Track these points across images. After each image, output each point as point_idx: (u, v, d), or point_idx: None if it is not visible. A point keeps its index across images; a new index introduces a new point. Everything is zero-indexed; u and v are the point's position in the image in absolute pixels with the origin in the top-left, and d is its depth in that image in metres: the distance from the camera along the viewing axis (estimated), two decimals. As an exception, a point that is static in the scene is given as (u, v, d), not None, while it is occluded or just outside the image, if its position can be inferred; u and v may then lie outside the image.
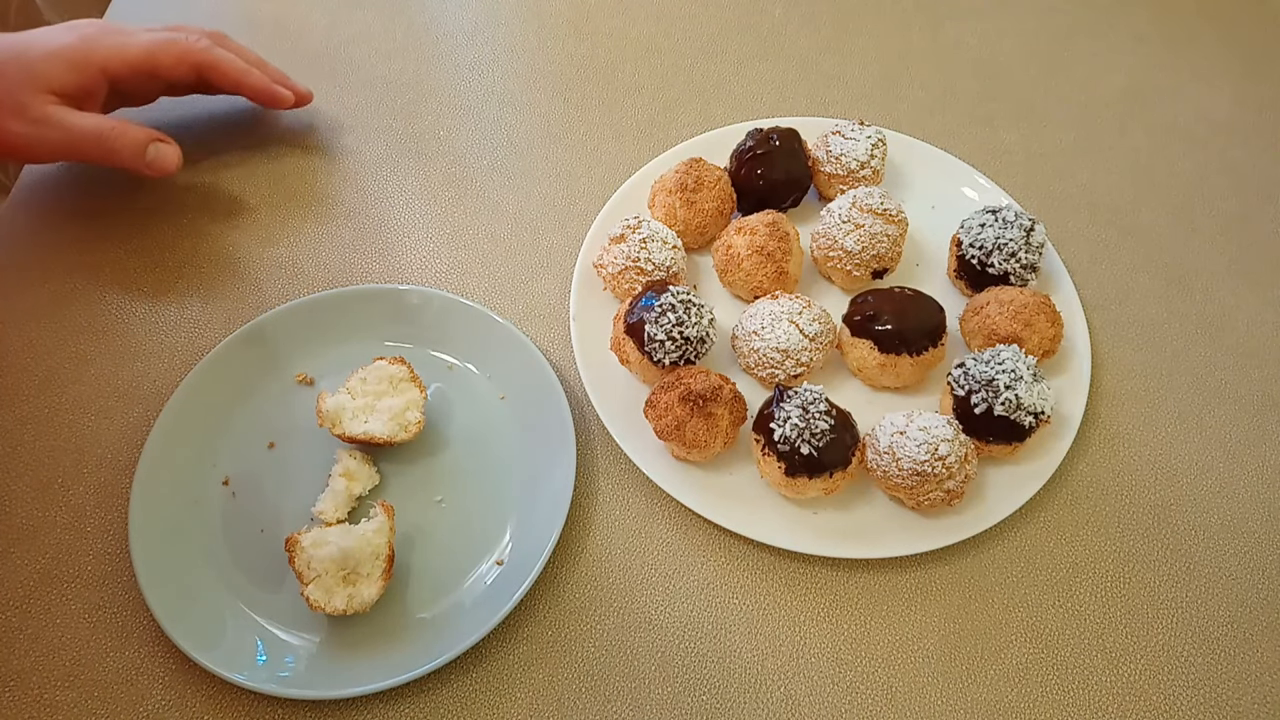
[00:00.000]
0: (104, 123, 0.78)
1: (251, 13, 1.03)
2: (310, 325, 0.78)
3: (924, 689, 0.66)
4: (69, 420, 0.76)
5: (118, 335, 0.80)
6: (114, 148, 0.78)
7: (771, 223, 0.78)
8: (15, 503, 0.72)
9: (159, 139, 0.80)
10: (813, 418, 0.67)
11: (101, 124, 0.78)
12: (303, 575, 0.64)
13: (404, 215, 0.89)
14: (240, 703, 0.64)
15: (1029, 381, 0.69)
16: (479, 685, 0.65)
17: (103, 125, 0.78)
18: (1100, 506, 0.74)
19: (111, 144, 0.78)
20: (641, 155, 0.91)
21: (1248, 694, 0.66)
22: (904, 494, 0.68)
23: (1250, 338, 0.83)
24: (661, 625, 0.68)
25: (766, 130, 0.84)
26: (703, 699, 0.65)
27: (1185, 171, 0.94)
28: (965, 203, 0.88)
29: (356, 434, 0.71)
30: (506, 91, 0.99)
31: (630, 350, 0.73)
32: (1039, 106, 0.99)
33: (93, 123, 0.77)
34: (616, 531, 0.72)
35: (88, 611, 0.67)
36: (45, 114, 0.75)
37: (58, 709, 0.64)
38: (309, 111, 0.95)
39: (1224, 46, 1.05)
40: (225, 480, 0.72)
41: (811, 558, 0.70)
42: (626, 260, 0.76)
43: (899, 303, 0.74)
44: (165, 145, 0.81)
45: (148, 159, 0.79)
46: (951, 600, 0.69)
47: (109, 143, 0.78)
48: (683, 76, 1.00)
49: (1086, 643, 0.68)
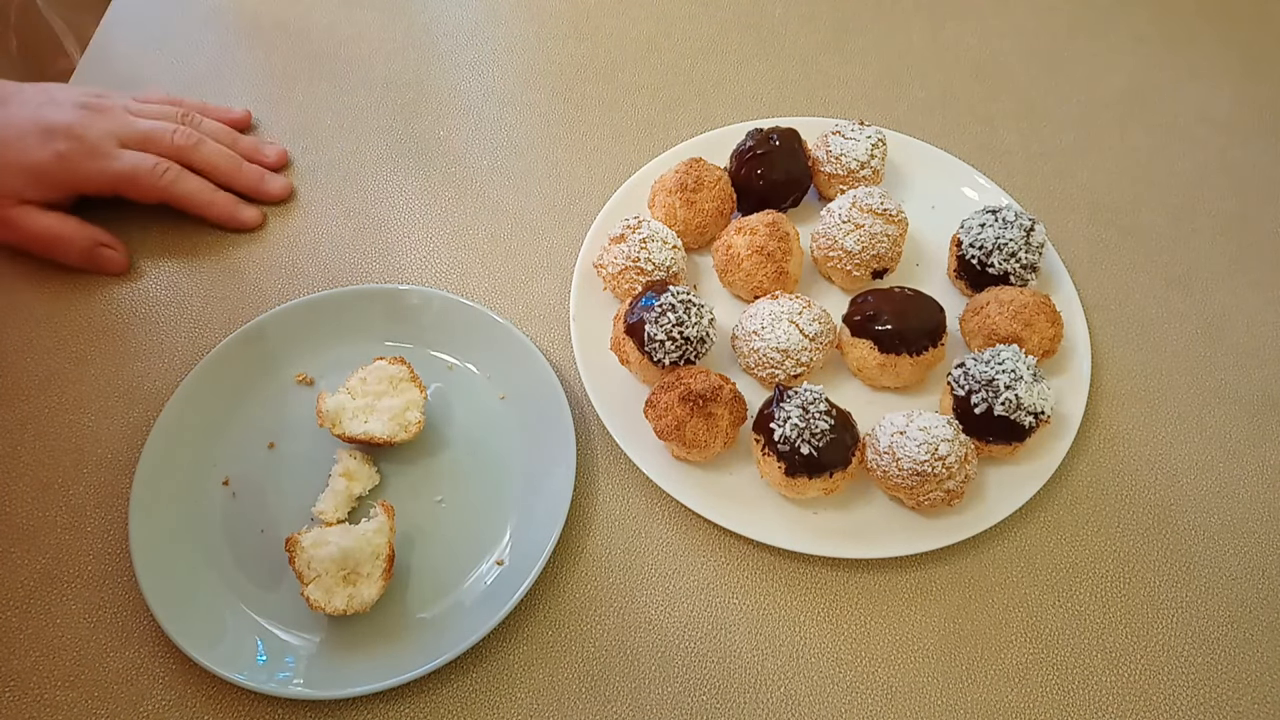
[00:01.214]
0: (54, 228, 0.81)
1: (252, 13, 1.03)
2: (310, 325, 0.78)
3: (924, 689, 0.66)
4: (69, 420, 0.76)
5: (118, 335, 0.80)
6: (62, 253, 0.82)
7: (771, 223, 0.78)
8: (15, 503, 0.72)
9: (105, 244, 0.83)
10: (813, 418, 0.67)
11: (52, 228, 0.81)
12: (303, 575, 0.64)
13: (404, 215, 0.89)
14: (240, 703, 0.64)
15: (1029, 381, 0.69)
16: (479, 685, 0.65)
17: (53, 230, 0.81)
18: (1100, 506, 0.74)
19: (59, 250, 0.82)
20: (641, 155, 0.91)
21: (1248, 694, 0.66)
22: (904, 494, 0.68)
23: (1250, 338, 0.83)
24: (661, 625, 0.68)
25: (766, 130, 0.84)
26: (703, 699, 0.65)
27: (1185, 171, 0.94)
28: (965, 203, 0.87)
29: (356, 434, 0.71)
30: (506, 91, 0.99)
31: (630, 350, 0.73)
32: (1039, 106, 0.99)
33: (45, 225, 0.80)
34: (616, 531, 0.72)
35: (88, 611, 0.67)
36: (4, 215, 0.79)
37: (58, 709, 0.64)
38: (309, 112, 0.95)
39: (1224, 46, 1.05)
40: (225, 480, 0.72)
41: (811, 558, 0.70)
42: (626, 260, 0.76)
43: (899, 303, 0.74)
44: (110, 251, 0.83)
45: (95, 263, 0.83)
46: (951, 600, 0.69)
47: (57, 249, 0.81)
48: (683, 76, 1.00)
49: (1086, 643, 0.68)
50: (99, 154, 0.80)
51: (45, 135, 0.79)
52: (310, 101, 0.96)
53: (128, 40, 1.02)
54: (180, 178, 0.83)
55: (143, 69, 0.99)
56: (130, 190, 0.82)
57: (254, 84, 0.97)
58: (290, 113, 0.95)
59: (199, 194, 0.84)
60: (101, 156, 0.80)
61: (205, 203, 0.85)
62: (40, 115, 0.79)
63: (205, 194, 0.85)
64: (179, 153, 0.84)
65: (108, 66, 0.99)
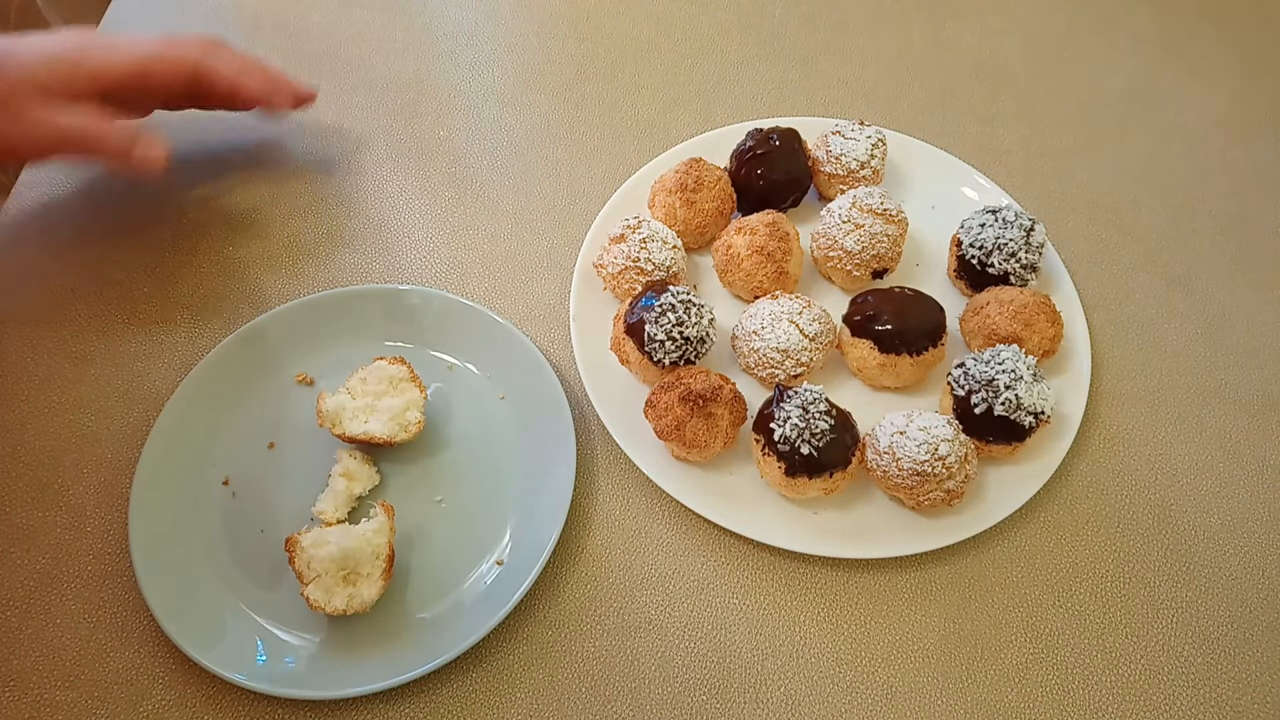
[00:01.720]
0: (90, 119, 0.76)
1: (252, 13, 1.03)
2: (310, 325, 0.78)
3: (924, 689, 0.66)
4: (69, 420, 0.76)
5: (118, 335, 0.80)
6: (100, 144, 0.76)
7: (771, 223, 0.78)
8: (15, 503, 0.72)
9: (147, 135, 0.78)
10: (813, 418, 0.67)
11: (88, 120, 0.76)
12: (303, 575, 0.64)
13: (404, 215, 0.89)
14: (240, 703, 0.64)
15: (1029, 381, 0.69)
16: (479, 685, 0.65)
17: (89, 121, 0.76)
18: (1100, 506, 0.74)
19: (97, 140, 0.76)
20: (641, 155, 0.91)
21: (1248, 694, 0.66)
22: (904, 494, 0.68)
23: (1250, 338, 0.83)
24: (661, 625, 0.68)
25: (766, 130, 0.84)
26: (703, 699, 0.65)
27: (1185, 171, 0.94)
28: (965, 203, 0.87)
29: (356, 434, 0.71)
30: (506, 91, 0.99)
31: (630, 350, 0.73)
32: (1039, 106, 0.99)
33: (79, 119, 0.76)
34: (616, 531, 0.72)
35: (88, 611, 0.67)
36: (31, 112, 0.74)
37: (58, 709, 0.64)
38: (308, 112, 0.95)
39: (1224, 46, 1.05)
40: (225, 480, 0.72)
41: (811, 558, 0.70)
42: (626, 260, 0.76)
43: (899, 303, 0.74)
44: (153, 141, 0.77)
45: (135, 156, 0.77)
46: (951, 600, 0.69)
47: (95, 139, 0.76)
48: (683, 76, 1.00)
49: (1086, 643, 0.68)
50: (116, 44, 0.78)
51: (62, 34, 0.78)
52: (310, 101, 0.96)
53: (128, 40, 1.02)
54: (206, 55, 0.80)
55: (143, 69, 0.99)
56: (156, 69, 0.78)
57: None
58: (290, 113, 0.95)
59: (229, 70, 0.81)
60: (120, 43, 0.78)
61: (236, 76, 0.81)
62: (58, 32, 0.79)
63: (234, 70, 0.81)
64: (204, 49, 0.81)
65: (108, 66, 0.99)
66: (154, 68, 0.78)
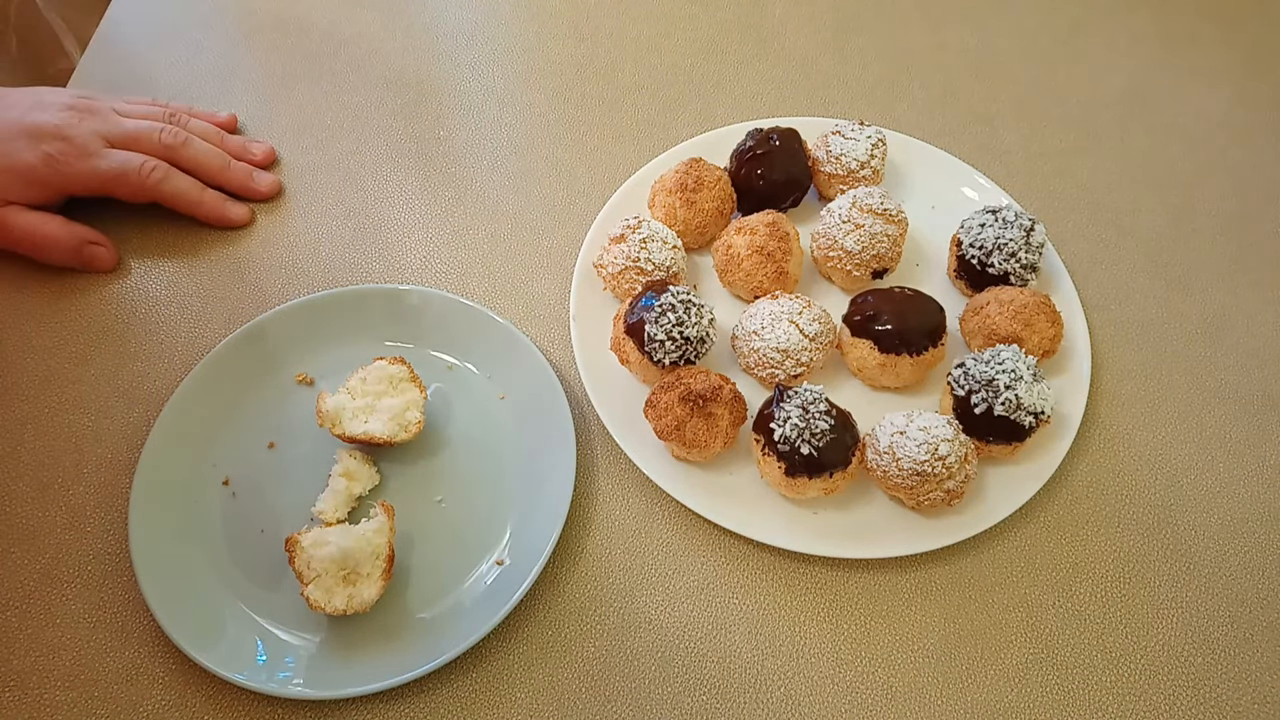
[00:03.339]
0: (41, 227, 0.80)
1: (252, 13, 1.03)
2: (310, 325, 0.78)
3: (924, 689, 0.66)
4: (69, 420, 0.76)
5: (118, 335, 0.80)
6: (49, 252, 0.81)
7: (771, 223, 0.78)
8: (15, 503, 0.72)
9: (93, 242, 0.83)
10: (813, 418, 0.67)
11: (39, 228, 0.80)
12: (303, 575, 0.64)
13: (404, 215, 0.89)
14: (240, 703, 0.64)
15: (1029, 381, 0.69)
16: (479, 685, 0.65)
17: (40, 230, 0.80)
18: (1100, 506, 0.74)
19: (47, 250, 0.81)
20: (641, 155, 0.91)
21: (1248, 694, 0.66)
22: (904, 494, 0.68)
23: (1250, 338, 0.83)
24: (661, 625, 0.68)
25: (766, 130, 0.84)
26: (703, 699, 0.65)
27: (1185, 171, 0.94)
28: (965, 203, 0.87)
29: (356, 434, 0.71)
30: (506, 91, 0.99)
31: (630, 350, 0.73)
32: (1039, 106, 0.99)
33: (32, 224, 0.80)
34: (616, 531, 0.72)
35: (88, 611, 0.67)
36: None
37: (58, 709, 0.64)
38: (309, 112, 0.95)
39: (1224, 46, 1.05)
40: (225, 480, 0.72)
41: (811, 558, 0.70)
42: (626, 260, 0.76)
43: (899, 303, 0.74)
44: (99, 248, 0.83)
45: (83, 261, 0.82)
46: (951, 600, 0.69)
47: (44, 248, 0.81)
48: (683, 76, 1.00)
49: (1086, 643, 0.68)
50: (87, 154, 0.80)
51: (33, 137, 0.79)
52: (310, 101, 0.96)
53: (128, 40, 1.02)
54: (169, 176, 0.83)
55: (143, 69, 0.99)
56: (119, 189, 0.82)
57: (254, 84, 0.98)
58: (290, 113, 0.95)
59: (188, 192, 0.84)
60: (90, 156, 0.80)
61: (194, 201, 0.85)
62: (28, 118, 0.79)
63: (194, 192, 0.85)
64: (167, 151, 0.84)
65: (108, 67, 0.99)
66: (117, 191, 0.83)
